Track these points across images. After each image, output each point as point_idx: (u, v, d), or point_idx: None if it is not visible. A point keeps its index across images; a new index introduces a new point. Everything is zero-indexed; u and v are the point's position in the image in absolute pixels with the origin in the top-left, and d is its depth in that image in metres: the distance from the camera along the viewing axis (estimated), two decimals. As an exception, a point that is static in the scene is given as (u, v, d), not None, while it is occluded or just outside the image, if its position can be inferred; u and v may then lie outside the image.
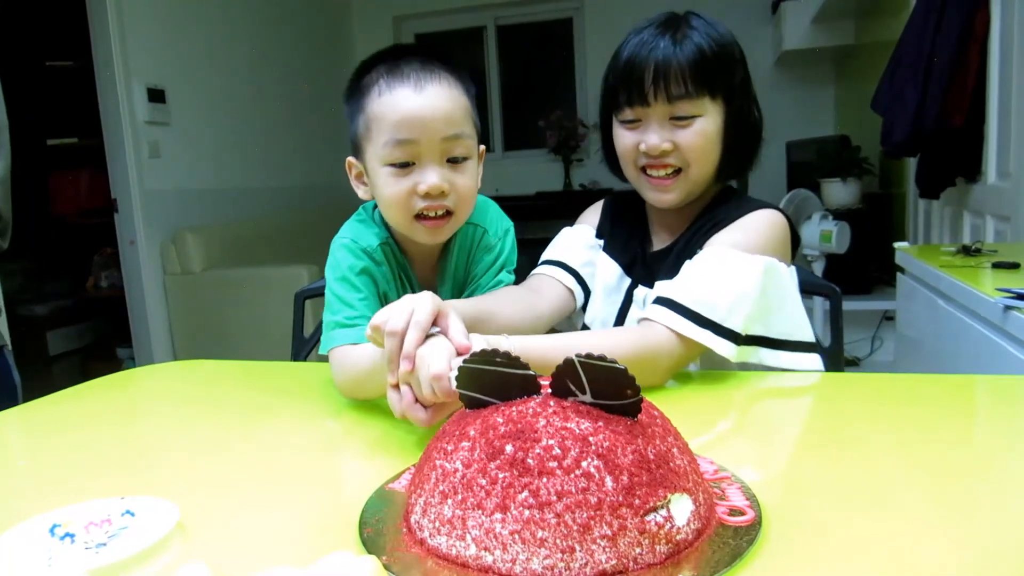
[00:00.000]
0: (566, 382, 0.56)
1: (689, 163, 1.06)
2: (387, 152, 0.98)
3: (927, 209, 3.09)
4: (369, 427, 0.91)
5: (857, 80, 4.55)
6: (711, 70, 1.04)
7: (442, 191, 0.98)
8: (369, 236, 1.09)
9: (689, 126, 1.05)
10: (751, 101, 1.11)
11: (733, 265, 0.99)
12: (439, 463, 0.55)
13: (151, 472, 0.79)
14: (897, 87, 2.53)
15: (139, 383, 1.25)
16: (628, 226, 1.22)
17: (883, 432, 0.79)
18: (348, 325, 1.01)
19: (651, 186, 1.10)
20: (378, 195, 1.04)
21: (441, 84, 0.98)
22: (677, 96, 1.03)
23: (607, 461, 0.51)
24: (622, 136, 1.10)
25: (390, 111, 0.97)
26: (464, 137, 1.00)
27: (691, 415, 0.88)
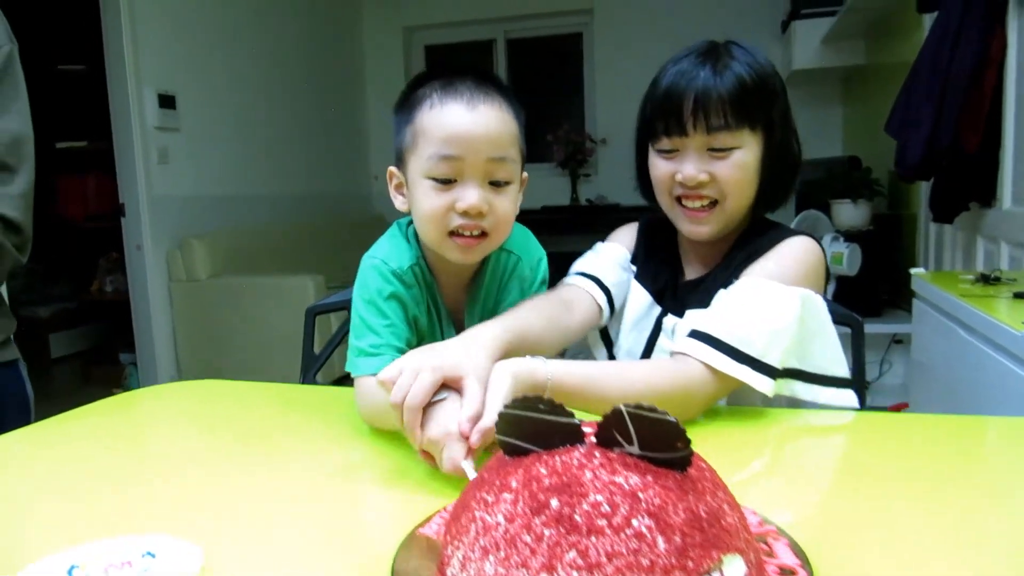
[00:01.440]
0: (612, 432, 0.54)
1: (726, 195, 1.04)
2: (431, 165, 0.97)
3: (939, 233, 3.07)
4: (394, 459, 0.88)
5: (865, 101, 4.55)
6: (751, 102, 1.02)
7: (480, 211, 0.97)
8: (400, 257, 1.07)
9: (727, 158, 1.03)
10: (791, 133, 1.09)
11: (769, 297, 0.97)
12: (479, 515, 0.53)
13: (169, 506, 0.76)
14: (912, 110, 2.51)
15: (151, 404, 1.22)
16: (660, 254, 1.21)
17: (930, 479, 0.76)
18: (371, 354, 1.00)
19: (686, 218, 1.08)
20: (415, 207, 1.02)
21: (493, 105, 0.98)
22: (716, 127, 1.01)
23: (658, 520, 0.49)
24: (658, 165, 1.09)
25: (439, 125, 0.97)
26: (509, 161, 0.99)
27: (723, 455, 0.86)
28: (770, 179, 1.07)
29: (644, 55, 5.82)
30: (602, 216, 5.55)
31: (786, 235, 1.06)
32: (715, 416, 0.99)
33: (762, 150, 1.05)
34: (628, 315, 1.18)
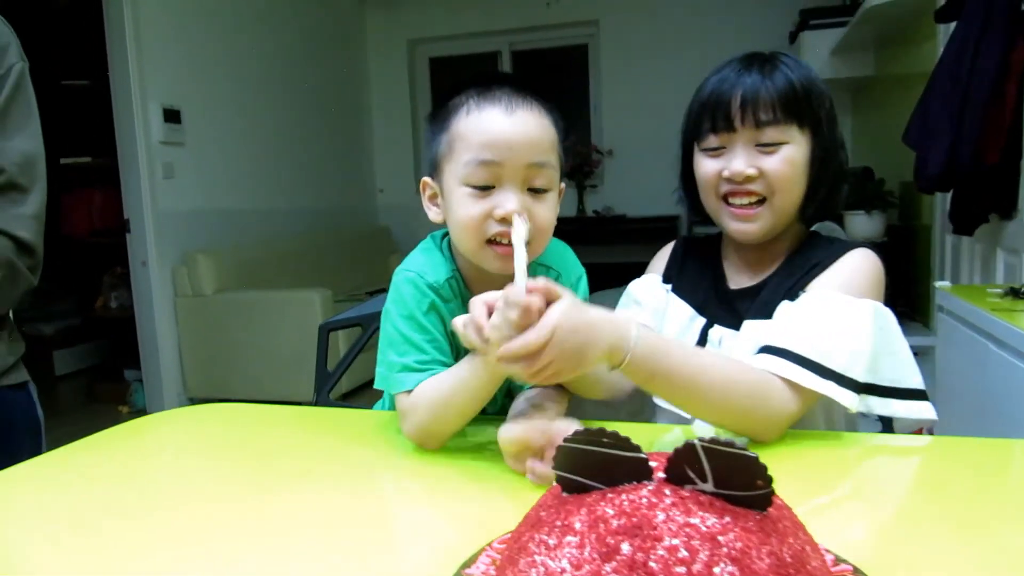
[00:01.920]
0: (684, 468, 0.49)
1: (774, 191, 1.02)
2: (469, 172, 0.94)
3: (956, 245, 3.03)
4: (429, 487, 0.84)
5: (875, 112, 4.52)
6: (800, 101, 1.02)
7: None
8: (436, 270, 1.03)
9: (775, 152, 1.02)
10: (838, 141, 1.08)
11: (843, 310, 0.95)
12: (540, 560, 0.48)
13: (190, 541, 0.72)
14: (930, 121, 2.47)
15: (164, 431, 1.18)
16: (699, 265, 1.18)
17: (1007, 507, 0.72)
18: (418, 369, 0.96)
19: (733, 216, 1.06)
20: (451, 216, 0.98)
21: (532, 111, 0.95)
22: (765, 122, 1.01)
23: (742, 566, 0.44)
24: (704, 164, 1.07)
25: (477, 130, 0.94)
26: (548, 167, 0.96)
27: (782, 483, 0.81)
28: (817, 182, 1.05)
29: (650, 66, 5.84)
30: (609, 227, 5.52)
31: (848, 247, 1.04)
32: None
33: (810, 150, 1.03)
34: (669, 330, 1.14)
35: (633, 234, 5.24)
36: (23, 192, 1.12)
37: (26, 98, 1.16)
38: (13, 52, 1.13)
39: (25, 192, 1.13)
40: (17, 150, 1.12)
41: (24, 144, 1.13)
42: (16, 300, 1.16)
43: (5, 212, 1.10)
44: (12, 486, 0.89)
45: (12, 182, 1.11)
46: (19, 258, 1.11)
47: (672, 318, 1.15)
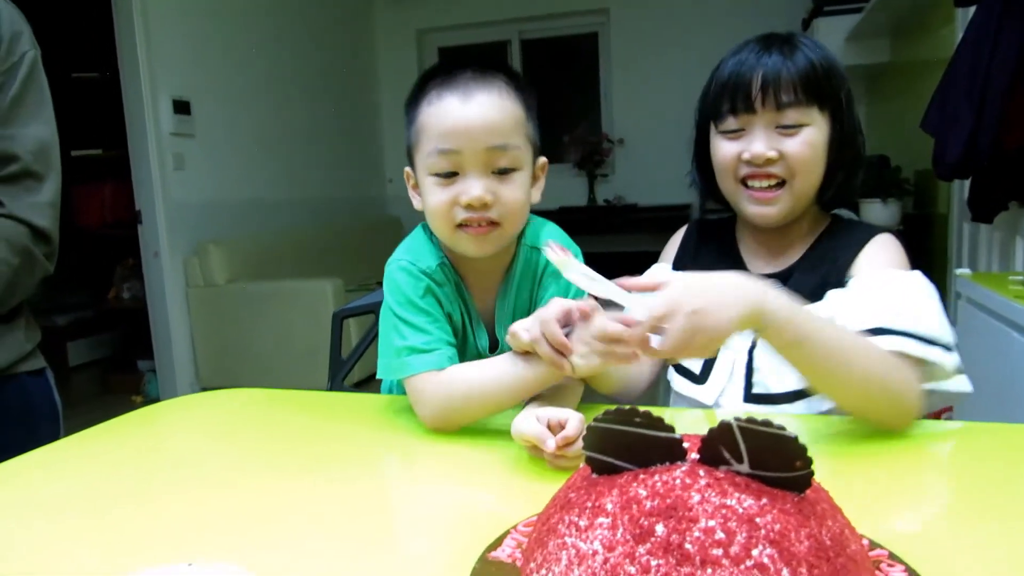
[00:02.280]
0: (719, 448, 0.48)
1: (794, 174, 1.01)
2: (432, 162, 0.97)
3: (973, 232, 2.99)
4: (450, 470, 0.83)
5: (891, 99, 4.47)
6: (821, 82, 1.00)
7: (484, 203, 0.95)
8: (427, 257, 1.05)
9: (796, 135, 1.00)
10: (857, 125, 1.06)
11: (907, 283, 0.95)
12: (571, 542, 0.47)
13: (210, 526, 0.71)
14: (949, 108, 2.43)
15: (179, 416, 1.17)
16: (715, 250, 1.16)
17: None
18: (426, 351, 0.97)
19: (752, 199, 1.04)
20: (425, 205, 1.01)
21: (491, 93, 0.96)
22: (786, 103, 0.99)
23: (781, 549, 0.43)
24: (722, 147, 1.05)
25: (436, 121, 0.96)
26: (511, 148, 0.96)
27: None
28: (836, 165, 1.03)
29: (660, 54, 5.79)
30: (620, 216, 5.49)
31: (872, 230, 1.05)
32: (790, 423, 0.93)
33: (830, 133, 1.02)
34: None
35: (644, 223, 5.21)
36: (39, 180, 1.12)
37: (39, 86, 1.15)
38: (25, 40, 1.13)
39: (40, 180, 1.12)
40: (32, 138, 1.11)
41: (39, 131, 1.13)
42: (33, 288, 1.15)
43: (21, 200, 1.10)
44: (31, 471, 0.88)
45: (27, 170, 1.10)
46: (36, 246, 1.11)
47: None
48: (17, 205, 1.09)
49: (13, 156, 1.08)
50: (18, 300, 1.15)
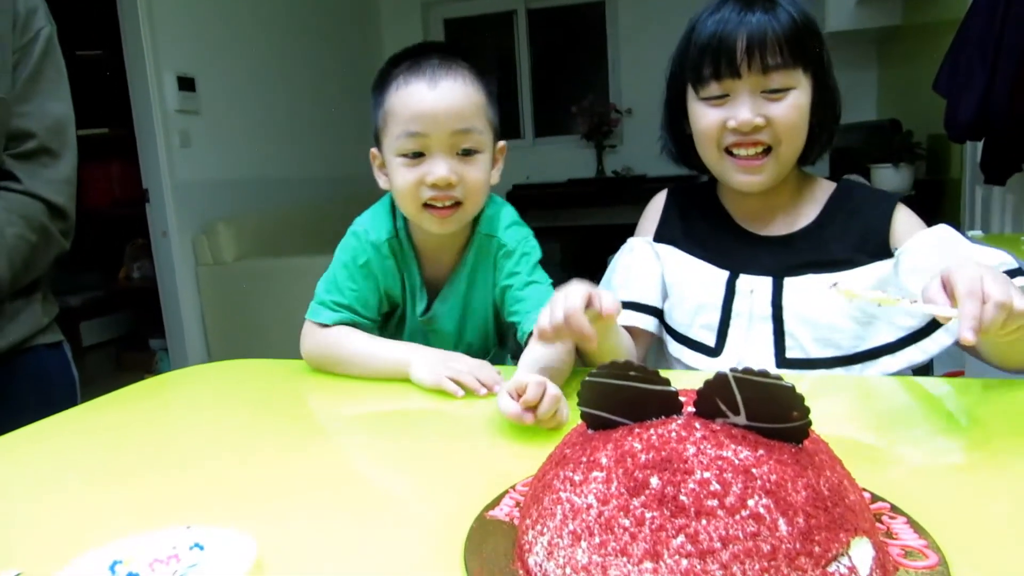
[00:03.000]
0: (715, 401, 0.47)
1: (781, 140, 0.98)
2: (400, 144, 1.03)
3: (986, 196, 2.95)
4: (449, 435, 0.83)
5: (902, 62, 4.39)
6: (804, 40, 0.96)
7: (449, 182, 1.02)
8: (380, 229, 1.13)
9: (782, 99, 0.97)
10: (835, 83, 1.03)
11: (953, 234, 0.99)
12: (565, 496, 0.47)
13: (215, 493, 0.71)
14: (962, 69, 2.39)
15: (184, 387, 1.18)
16: (701, 215, 1.13)
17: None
18: (332, 308, 1.11)
19: (738, 168, 1.01)
20: (392, 185, 1.08)
21: (456, 80, 1.02)
22: (773, 66, 0.95)
23: (778, 499, 0.42)
24: (705, 114, 1.00)
25: (404, 105, 1.02)
26: (474, 131, 1.03)
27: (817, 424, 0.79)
28: (819, 126, 1.01)
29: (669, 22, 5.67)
30: (629, 188, 5.44)
31: (892, 197, 1.05)
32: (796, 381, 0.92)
33: (813, 94, 0.99)
34: (689, 288, 1.09)
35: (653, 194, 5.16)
36: (55, 156, 1.11)
37: (55, 62, 1.14)
38: (41, 15, 1.12)
39: (56, 156, 1.12)
40: (48, 114, 1.10)
41: (55, 108, 1.12)
42: (48, 264, 1.16)
43: (37, 176, 1.10)
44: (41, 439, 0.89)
45: (44, 146, 1.10)
46: (52, 222, 1.11)
47: (687, 275, 1.10)
48: (34, 182, 1.09)
49: (30, 133, 1.08)
50: (34, 276, 1.15)
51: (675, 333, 1.12)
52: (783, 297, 1.02)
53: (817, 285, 1.00)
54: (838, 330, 1.00)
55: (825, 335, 1.00)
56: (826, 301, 0.99)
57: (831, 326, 1.00)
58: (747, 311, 1.03)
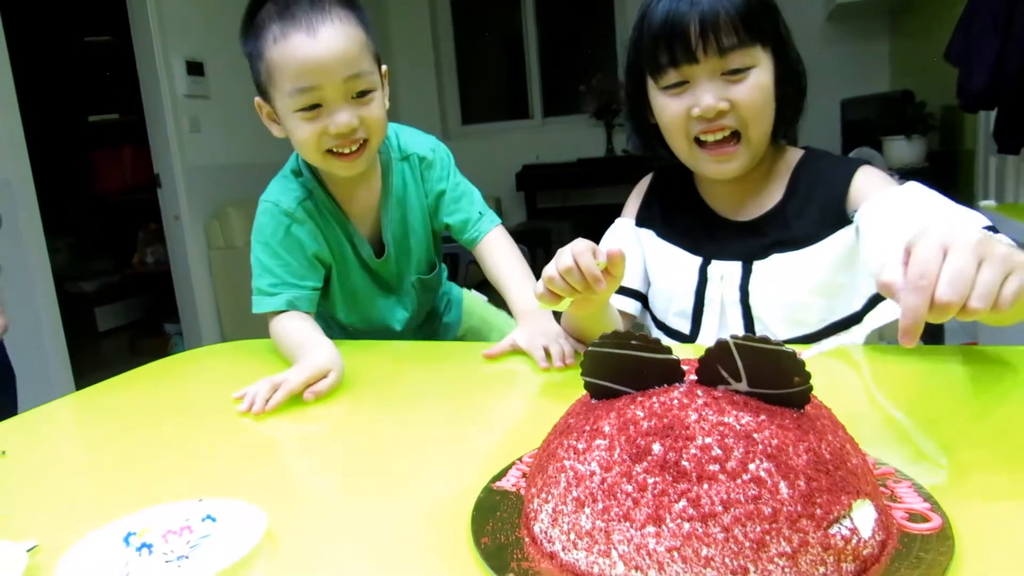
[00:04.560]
0: (717, 368, 0.47)
1: (748, 123, 0.94)
2: (293, 100, 1.00)
3: (1000, 166, 2.92)
4: (454, 408, 0.84)
5: (915, 33, 4.33)
6: (760, 16, 0.92)
7: (352, 128, 1.01)
8: (288, 196, 1.12)
9: (744, 80, 0.93)
10: (797, 55, 0.99)
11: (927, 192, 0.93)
12: (569, 464, 0.47)
13: (224, 468, 0.72)
14: (974, 36, 2.36)
15: (195, 366, 1.19)
16: (678, 200, 1.11)
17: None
18: (269, 293, 1.09)
19: (709, 157, 0.98)
20: (293, 138, 1.06)
21: (334, 23, 0.98)
22: (729, 47, 0.91)
23: (779, 463, 0.43)
24: (668, 105, 0.97)
25: (288, 60, 0.98)
26: (365, 74, 1.01)
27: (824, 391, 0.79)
28: (785, 103, 0.98)
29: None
30: (639, 166, 5.40)
31: (854, 162, 1.00)
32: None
33: (775, 70, 0.95)
34: (663, 278, 1.10)
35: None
36: None
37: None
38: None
39: None
40: None
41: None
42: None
43: None
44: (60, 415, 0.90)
45: None
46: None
47: (663, 262, 1.10)
48: None
49: None
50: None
51: (655, 319, 1.12)
52: (751, 281, 1.00)
53: (783, 266, 0.99)
54: (805, 307, 0.98)
55: (792, 315, 0.99)
56: (792, 280, 0.98)
57: (797, 304, 0.98)
58: (719, 298, 1.02)
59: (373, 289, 1.22)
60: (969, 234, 0.55)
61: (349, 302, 1.22)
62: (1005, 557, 0.45)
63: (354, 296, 1.22)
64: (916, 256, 0.55)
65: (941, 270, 0.53)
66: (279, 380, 0.88)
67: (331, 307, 1.24)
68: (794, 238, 0.99)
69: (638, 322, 1.13)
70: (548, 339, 0.97)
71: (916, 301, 0.53)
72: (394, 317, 1.25)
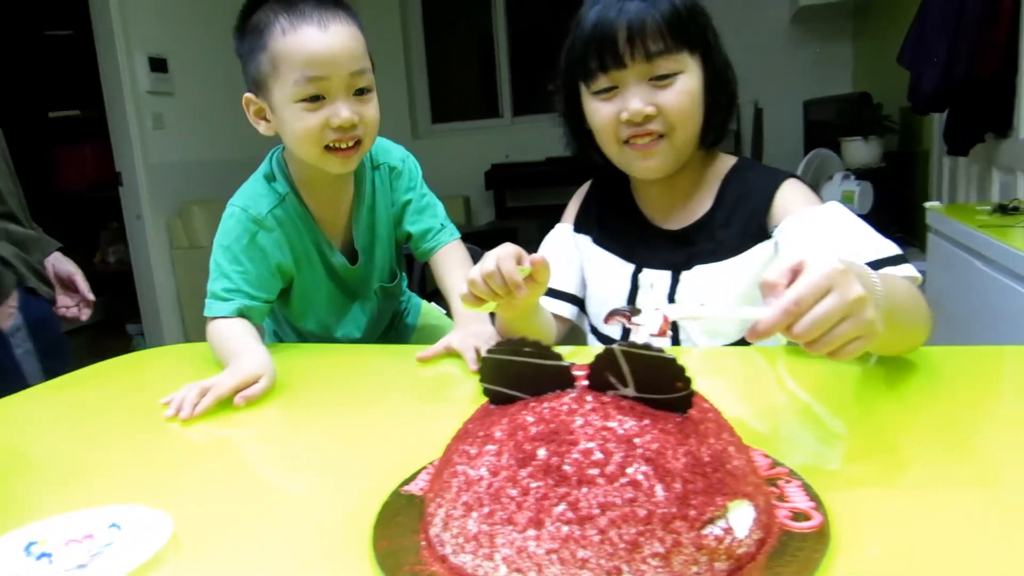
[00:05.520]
0: (605, 374, 0.49)
1: (674, 127, 0.96)
2: (298, 89, 1.01)
3: (952, 167, 2.98)
4: (376, 416, 0.85)
5: (876, 35, 4.40)
6: (686, 23, 0.94)
7: (353, 123, 1.03)
8: (259, 202, 1.12)
9: (671, 85, 0.95)
10: (726, 61, 1.01)
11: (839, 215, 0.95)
12: (461, 469, 0.48)
13: (142, 475, 0.72)
14: (925, 40, 2.40)
15: (138, 369, 1.18)
16: (614, 207, 1.13)
17: (947, 412, 0.72)
18: (223, 298, 1.09)
19: (635, 154, 0.99)
20: (288, 130, 1.06)
21: (341, 22, 1.03)
22: (656, 52, 0.93)
23: (656, 466, 0.44)
24: (598, 109, 0.99)
25: (298, 49, 1.00)
26: (366, 71, 1.05)
27: (731, 395, 0.81)
28: (713, 108, 0.99)
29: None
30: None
31: (779, 175, 1.02)
32: (720, 355, 0.94)
33: (703, 76, 0.97)
34: (598, 284, 1.11)
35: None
36: None
37: None
38: None
39: None
40: None
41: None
42: None
43: None
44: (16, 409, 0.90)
45: None
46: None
47: (598, 268, 1.11)
48: None
49: None
50: None
51: (591, 325, 1.14)
52: (678, 291, 1.02)
53: (706, 277, 1.01)
54: (724, 319, 1.01)
55: (712, 326, 1.01)
56: (714, 292, 1.00)
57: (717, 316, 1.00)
58: (650, 307, 1.04)
59: (337, 296, 1.23)
60: (853, 287, 0.58)
61: (310, 310, 1.22)
62: (879, 553, 0.47)
63: (316, 304, 1.22)
64: (802, 282, 0.58)
65: (813, 308, 0.57)
66: (208, 385, 0.88)
67: (290, 314, 1.24)
68: (718, 249, 1.01)
69: (575, 326, 1.15)
70: (480, 341, 0.99)
71: (779, 320, 0.57)
72: (355, 324, 1.26)
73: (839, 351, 0.59)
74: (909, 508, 0.53)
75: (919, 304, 0.81)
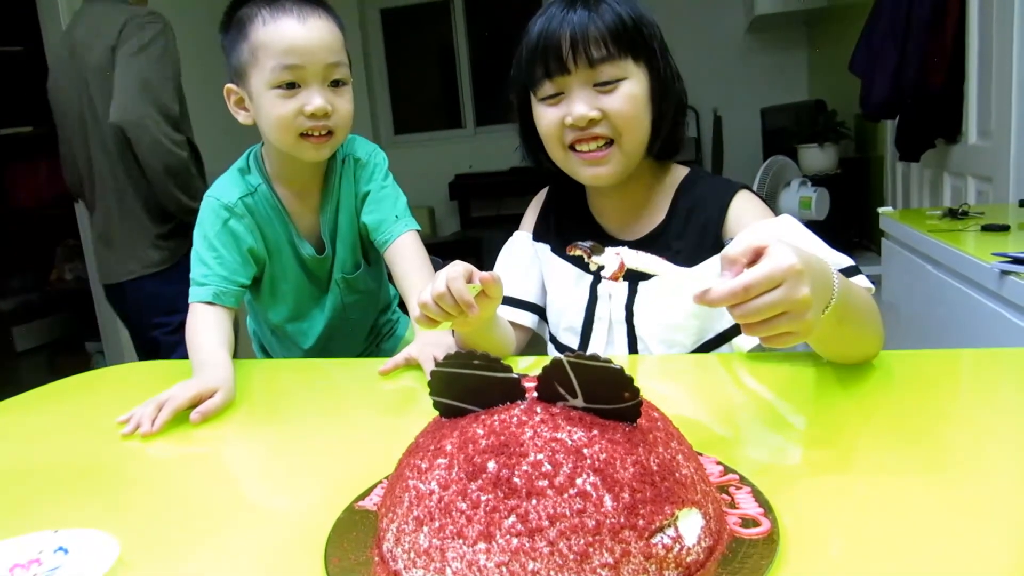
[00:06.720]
0: (554, 385, 0.49)
1: (620, 132, 0.98)
2: (275, 75, 1.06)
3: (906, 172, 3.05)
4: (336, 431, 0.84)
5: (831, 43, 4.49)
6: (630, 32, 0.96)
7: (326, 112, 1.08)
8: (230, 191, 1.18)
9: (615, 91, 0.97)
10: (674, 72, 1.03)
11: (792, 227, 0.96)
12: (412, 483, 0.48)
13: (93, 496, 0.71)
14: (875, 48, 2.46)
15: (97, 387, 1.16)
16: (570, 217, 1.13)
17: (900, 416, 0.73)
18: (201, 283, 1.14)
19: (584, 162, 1.00)
20: (264, 117, 1.11)
21: (320, 17, 1.09)
22: (599, 59, 0.95)
23: (605, 476, 0.45)
24: (544, 115, 1.00)
25: (277, 39, 1.06)
26: (342, 64, 1.10)
27: (683, 404, 0.82)
28: (660, 116, 1.01)
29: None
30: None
31: (732, 186, 1.03)
32: (673, 363, 0.95)
33: (649, 84, 0.99)
34: (557, 294, 1.12)
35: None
36: None
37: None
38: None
39: None
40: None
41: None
42: None
43: None
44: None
45: None
46: None
47: (557, 282, 1.12)
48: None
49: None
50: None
51: (550, 335, 1.14)
52: (636, 302, 1.03)
53: (663, 288, 1.02)
54: (680, 329, 1.02)
55: (669, 335, 1.02)
56: (669, 302, 1.01)
57: (674, 326, 1.02)
58: (607, 315, 1.05)
59: (305, 286, 1.27)
60: (802, 287, 0.61)
61: (280, 299, 1.27)
62: (826, 558, 0.48)
63: (284, 293, 1.26)
64: (758, 270, 0.61)
65: (759, 297, 0.61)
66: (164, 398, 0.88)
67: (261, 304, 1.28)
68: (674, 260, 1.00)
69: (536, 335, 1.15)
70: (440, 350, 0.99)
71: (726, 299, 0.61)
72: (320, 314, 1.30)
73: (772, 339, 0.64)
74: (859, 512, 0.54)
75: (872, 313, 0.83)
